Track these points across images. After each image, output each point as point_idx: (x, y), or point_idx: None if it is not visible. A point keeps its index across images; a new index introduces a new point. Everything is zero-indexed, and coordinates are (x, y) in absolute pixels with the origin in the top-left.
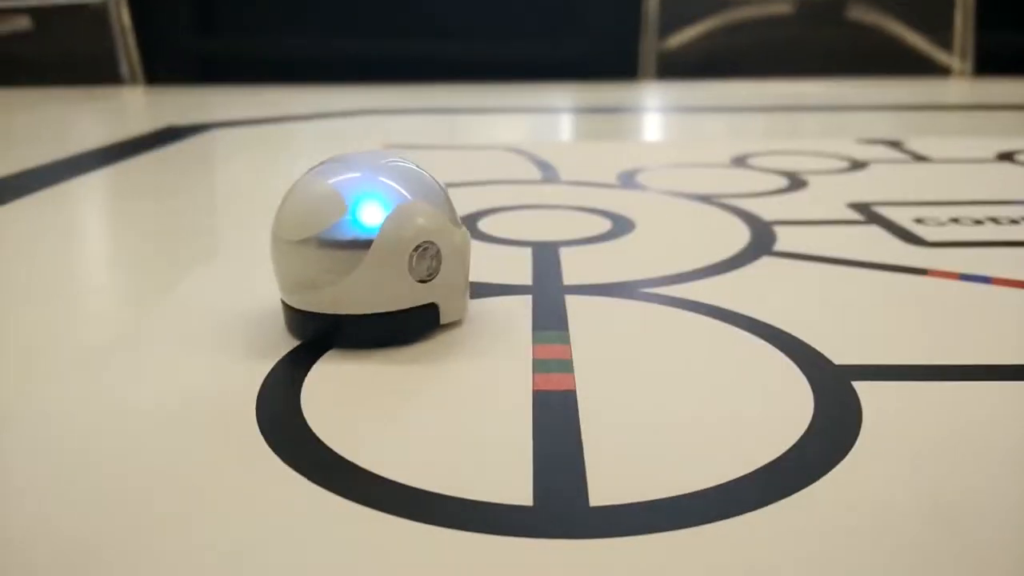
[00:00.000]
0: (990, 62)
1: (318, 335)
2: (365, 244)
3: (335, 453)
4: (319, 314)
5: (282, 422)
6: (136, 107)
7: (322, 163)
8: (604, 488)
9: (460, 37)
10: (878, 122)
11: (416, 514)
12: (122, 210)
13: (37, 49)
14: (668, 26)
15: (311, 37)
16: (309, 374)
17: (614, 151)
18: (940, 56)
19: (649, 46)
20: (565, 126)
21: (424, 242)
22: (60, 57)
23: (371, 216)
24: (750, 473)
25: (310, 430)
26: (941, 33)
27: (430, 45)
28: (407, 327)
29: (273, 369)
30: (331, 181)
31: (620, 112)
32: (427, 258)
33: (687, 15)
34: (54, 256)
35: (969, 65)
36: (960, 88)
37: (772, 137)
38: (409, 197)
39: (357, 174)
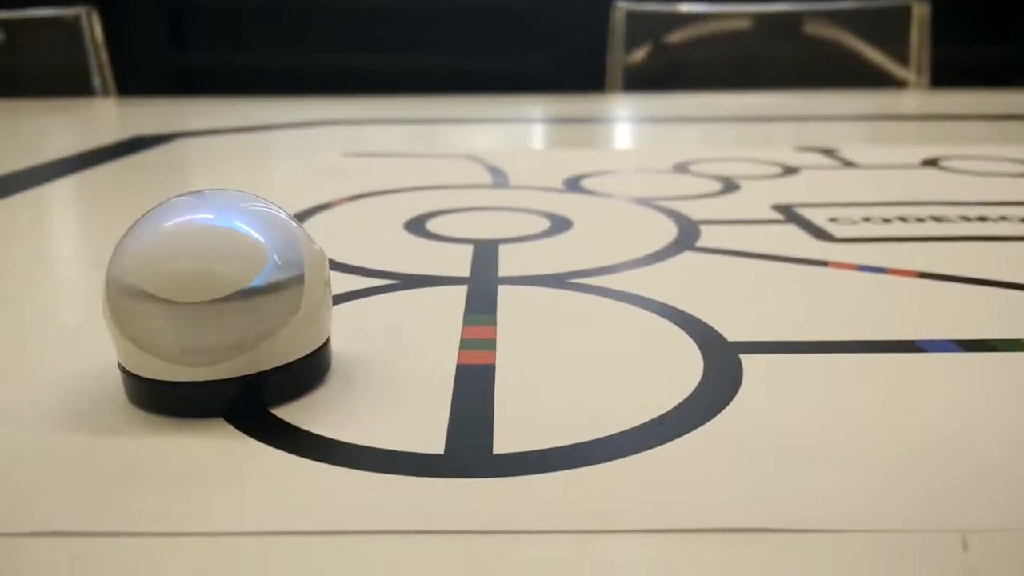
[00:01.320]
0: (946, 75)
1: (243, 401)
2: (298, 282)
3: (275, 416)
4: (242, 377)
5: None
6: (106, 118)
7: (154, 212)
8: (508, 440)
9: (433, 51)
10: (821, 131)
11: (343, 461)
12: (68, 220)
13: (11, 62)
14: (634, 41)
15: (285, 51)
16: None
17: (565, 158)
18: (896, 70)
19: (616, 60)
20: (525, 136)
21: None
22: (34, 70)
23: (291, 253)
24: (641, 424)
25: None
26: (897, 47)
27: (404, 59)
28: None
29: None
30: (219, 225)
31: (580, 123)
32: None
33: (652, 30)
34: None
35: (925, 78)
36: (910, 100)
37: (718, 145)
38: (297, 226)
39: (231, 213)
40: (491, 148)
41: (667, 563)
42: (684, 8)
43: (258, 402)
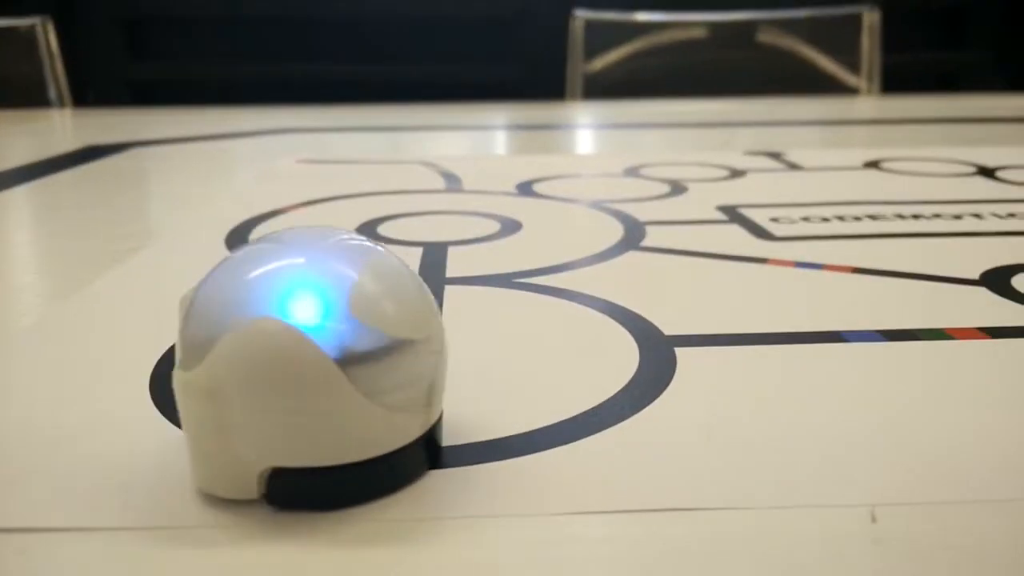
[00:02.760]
0: (900, 81)
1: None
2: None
3: None
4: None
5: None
6: (60, 128)
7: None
8: (445, 433)
9: (396, 60)
10: (771, 136)
11: None
12: (16, 231)
13: None
14: (593, 50)
15: (248, 61)
16: None
17: (519, 164)
18: (848, 77)
19: (575, 68)
20: (483, 143)
21: None
22: None
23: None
24: (576, 415)
25: None
26: (849, 54)
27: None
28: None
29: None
30: (394, 270)
31: (538, 129)
32: None
33: (610, 39)
34: None
35: (876, 84)
36: (859, 105)
37: (670, 150)
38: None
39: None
40: (448, 154)
41: (601, 542)
42: (641, 17)
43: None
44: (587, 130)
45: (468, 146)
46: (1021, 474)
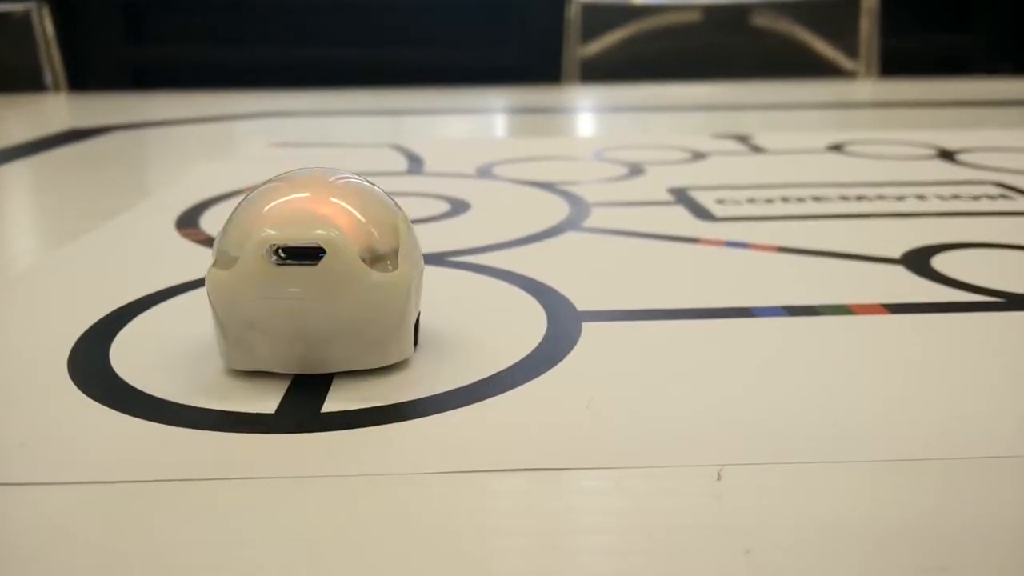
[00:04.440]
0: (903, 65)
1: None
2: None
3: (124, 381)
4: None
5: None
6: (45, 112)
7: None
8: (340, 400)
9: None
10: (749, 120)
11: (184, 422)
12: None
13: None
14: (588, 34)
15: (248, 45)
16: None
17: (486, 147)
18: (845, 61)
19: (571, 53)
20: (464, 126)
21: None
22: None
23: None
24: (470, 384)
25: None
26: (847, 38)
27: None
28: None
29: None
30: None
31: (524, 113)
32: None
33: (606, 23)
34: None
35: (874, 69)
36: (851, 89)
37: (645, 134)
38: None
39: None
40: (422, 137)
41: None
42: (637, 1)
43: None
44: (571, 114)
45: (463, 130)
46: (876, 438)
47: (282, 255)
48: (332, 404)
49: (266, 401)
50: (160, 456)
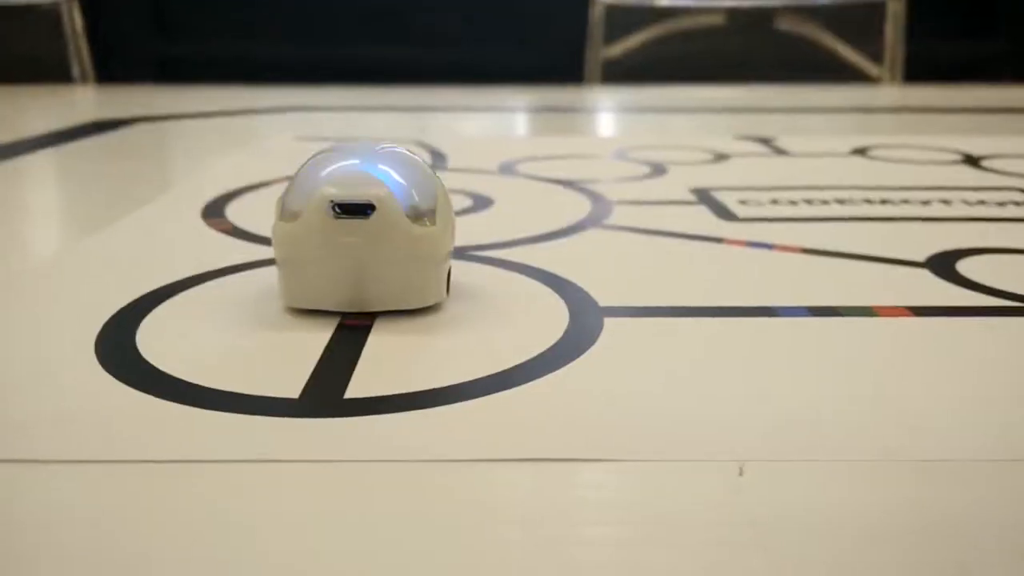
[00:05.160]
0: (922, 72)
1: None
2: None
3: (152, 364)
4: None
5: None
6: (72, 104)
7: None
8: (362, 387)
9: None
10: (772, 122)
11: (208, 404)
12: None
13: None
14: (612, 35)
15: (273, 41)
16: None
17: (509, 144)
18: (869, 66)
19: (594, 53)
20: (488, 124)
21: None
22: (9, 58)
23: None
24: (492, 374)
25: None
26: (872, 43)
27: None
28: None
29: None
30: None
31: (547, 112)
32: None
33: (629, 25)
34: None
35: (898, 74)
36: (874, 94)
37: (668, 134)
38: None
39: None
40: (445, 134)
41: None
42: (661, 2)
43: None
44: (594, 114)
45: (485, 128)
46: (892, 437)
47: (338, 210)
48: (354, 390)
49: (290, 386)
50: (184, 437)
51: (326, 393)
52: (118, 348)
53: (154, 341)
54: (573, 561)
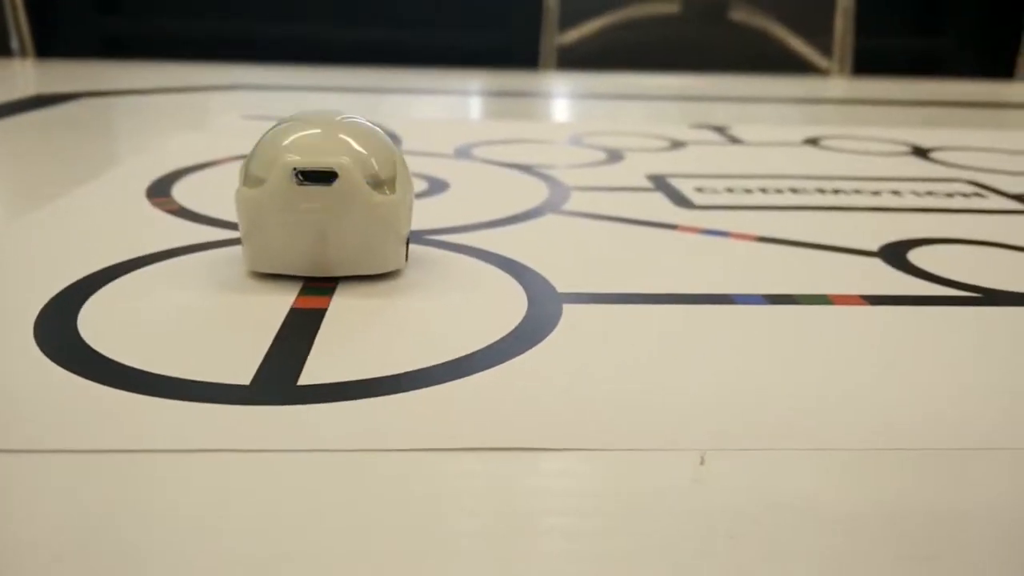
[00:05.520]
0: (870, 65)
1: None
2: None
3: (93, 349)
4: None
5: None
6: (15, 77)
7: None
8: (316, 373)
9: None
10: (725, 111)
11: (155, 391)
12: None
13: None
14: (567, 21)
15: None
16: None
17: (464, 128)
18: (819, 58)
19: (549, 39)
20: (440, 106)
21: None
22: None
23: None
24: (450, 361)
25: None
26: (822, 36)
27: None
28: None
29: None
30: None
31: (500, 96)
32: None
33: (585, 11)
34: None
35: (848, 67)
36: (824, 86)
37: (622, 121)
38: None
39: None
40: (399, 116)
41: (461, 476)
42: None
43: None
44: (548, 99)
45: (439, 110)
46: (852, 425)
47: (301, 177)
48: (308, 377)
49: (242, 371)
50: (130, 426)
51: (279, 379)
52: (58, 332)
53: (96, 325)
54: (531, 552)
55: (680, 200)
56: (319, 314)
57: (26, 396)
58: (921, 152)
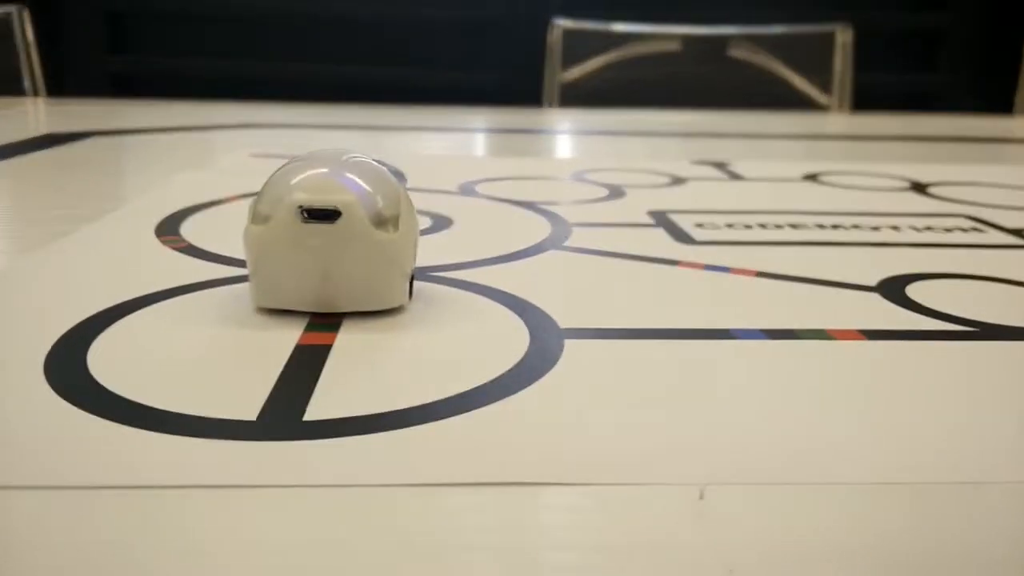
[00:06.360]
0: (869, 101)
1: None
2: None
3: (103, 386)
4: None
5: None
6: (26, 116)
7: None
8: (322, 409)
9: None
10: (726, 148)
11: (162, 427)
12: None
13: None
14: (570, 59)
15: (228, 58)
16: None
17: (469, 164)
18: (819, 94)
19: (552, 77)
20: (447, 143)
21: None
22: None
23: None
24: (451, 396)
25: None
26: (821, 72)
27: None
28: None
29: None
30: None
31: (506, 133)
32: None
33: (587, 50)
34: None
35: (847, 103)
36: (824, 122)
37: (625, 158)
38: None
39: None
40: (403, 153)
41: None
42: (618, 28)
43: None
44: (552, 136)
45: (443, 147)
46: (852, 461)
47: (306, 215)
48: (313, 412)
49: (248, 406)
50: (137, 462)
51: (284, 415)
52: (68, 369)
53: (106, 362)
54: None
55: (681, 236)
56: (325, 350)
57: (36, 433)
58: (920, 187)
